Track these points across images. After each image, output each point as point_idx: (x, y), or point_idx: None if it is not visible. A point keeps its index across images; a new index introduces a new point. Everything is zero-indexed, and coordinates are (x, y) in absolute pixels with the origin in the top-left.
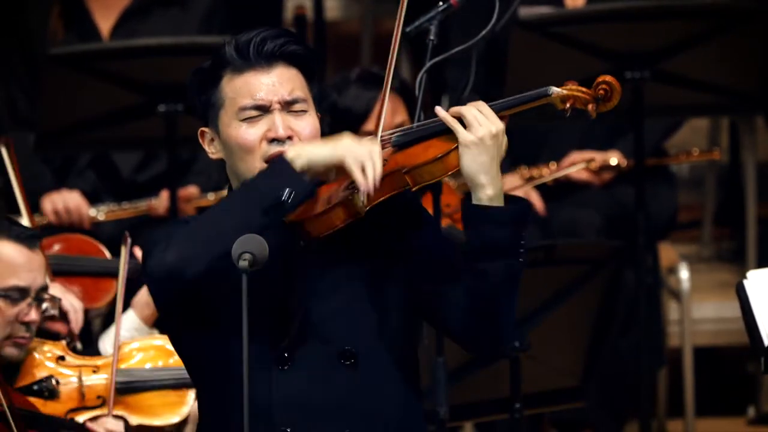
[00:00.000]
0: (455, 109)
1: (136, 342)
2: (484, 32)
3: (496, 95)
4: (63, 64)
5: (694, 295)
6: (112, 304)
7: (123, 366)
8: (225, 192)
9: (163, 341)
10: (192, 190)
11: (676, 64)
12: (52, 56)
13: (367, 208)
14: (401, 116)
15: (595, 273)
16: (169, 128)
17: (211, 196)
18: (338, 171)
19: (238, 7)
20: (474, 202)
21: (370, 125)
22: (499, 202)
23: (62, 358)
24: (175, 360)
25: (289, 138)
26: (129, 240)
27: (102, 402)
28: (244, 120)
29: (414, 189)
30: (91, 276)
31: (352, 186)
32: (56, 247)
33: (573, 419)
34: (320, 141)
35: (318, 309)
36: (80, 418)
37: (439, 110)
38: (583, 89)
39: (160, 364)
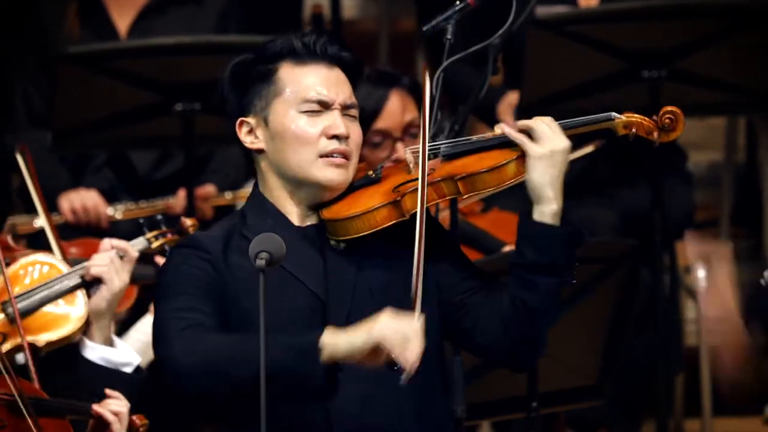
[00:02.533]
0: (524, 122)
1: (9, 269)
2: (501, 31)
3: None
4: (80, 63)
5: None
6: (131, 309)
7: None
8: (247, 190)
9: (33, 256)
10: (209, 188)
11: (693, 63)
12: (69, 55)
13: (412, 210)
14: (411, 114)
15: (611, 272)
16: (185, 127)
17: (229, 195)
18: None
19: (255, 5)
20: (536, 216)
21: (380, 123)
22: (558, 219)
23: None
24: (52, 270)
25: (347, 137)
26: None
27: (3, 338)
28: (304, 112)
29: (465, 197)
30: None
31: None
32: (74, 251)
33: (589, 418)
34: (355, 327)
35: (364, 315)
36: None
37: (503, 126)
38: (646, 118)
39: (28, 282)
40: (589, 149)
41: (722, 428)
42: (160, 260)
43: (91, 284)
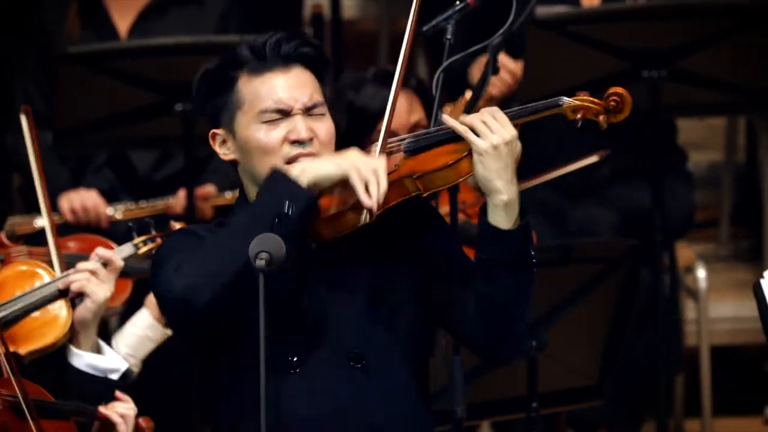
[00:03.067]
0: (466, 117)
1: None
2: (501, 31)
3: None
4: (80, 62)
5: (711, 294)
6: (128, 303)
7: None
8: (237, 193)
9: (18, 267)
10: (209, 188)
11: (693, 63)
12: (69, 55)
13: (378, 213)
14: (418, 114)
15: (611, 272)
16: (185, 127)
17: (229, 195)
18: (344, 185)
19: (256, 6)
20: (489, 209)
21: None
22: (514, 208)
23: None
24: (37, 279)
25: (310, 139)
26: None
27: None
28: (264, 122)
29: (425, 195)
30: None
31: (358, 203)
32: (71, 246)
33: (589, 418)
34: (326, 157)
35: (328, 311)
36: None
37: (446, 119)
38: (594, 100)
39: (18, 293)
40: (593, 159)
41: (722, 428)
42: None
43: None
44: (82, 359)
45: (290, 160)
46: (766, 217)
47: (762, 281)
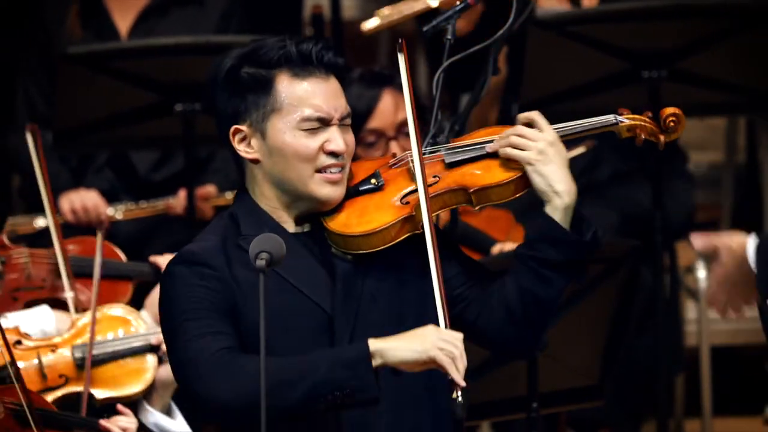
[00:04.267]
0: (502, 136)
1: (86, 317)
2: (501, 31)
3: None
4: (81, 63)
5: None
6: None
7: (79, 341)
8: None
9: (114, 310)
10: (210, 188)
11: (693, 63)
12: (70, 55)
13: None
14: (404, 112)
15: (612, 272)
16: (186, 127)
17: (229, 195)
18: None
19: (256, 6)
20: (548, 211)
21: (373, 123)
22: (570, 211)
23: (18, 342)
24: (127, 327)
25: (343, 153)
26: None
27: (65, 380)
28: (304, 130)
29: (477, 208)
30: (107, 278)
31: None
32: (72, 249)
33: (590, 418)
34: (402, 338)
35: (363, 321)
36: (48, 398)
37: (491, 147)
38: (649, 120)
39: (110, 336)
40: (580, 150)
41: (722, 428)
42: (156, 259)
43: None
44: (153, 417)
45: (323, 169)
46: (766, 217)
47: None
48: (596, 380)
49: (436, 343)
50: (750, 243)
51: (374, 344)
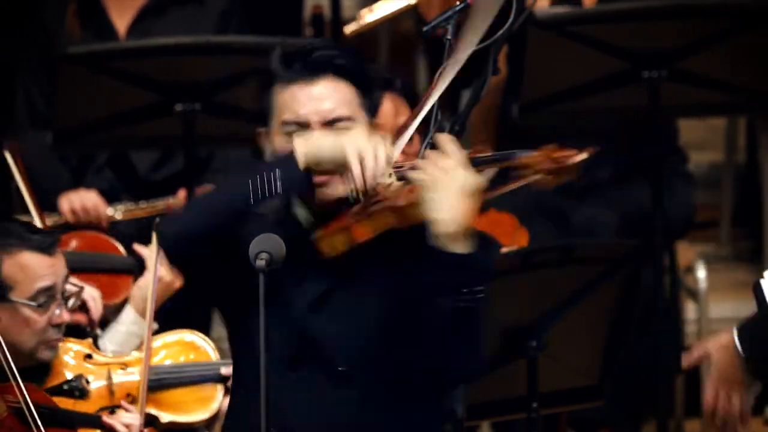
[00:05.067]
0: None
1: (160, 339)
2: (501, 31)
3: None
4: (80, 63)
5: (711, 294)
6: (127, 300)
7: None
8: None
9: (188, 336)
10: (209, 188)
11: (693, 63)
12: (69, 55)
13: (369, 235)
14: (404, 117)
15: (612, 272)
16: (186, 127)
17: None
18: (343, 166)
19: (256, 6)
20: (433, 239)
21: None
22: (457, 240)
23: (89, 356)
24: (199, 354)
25: None
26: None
27: (131, 400)
28: (286, 134)
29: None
30: (107, 273)
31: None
32: (72, 244)
33: (590, 419)
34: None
35: (321, 322)
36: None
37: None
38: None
39: (182, 359)
40: (583, 156)
41: None
42: (140, 249)
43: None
44: None
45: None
46: (766, 217)
47: (762, 281)
48: (596, 380)
49: (353, 138)
50: (735, 333)
51: (299, 142)
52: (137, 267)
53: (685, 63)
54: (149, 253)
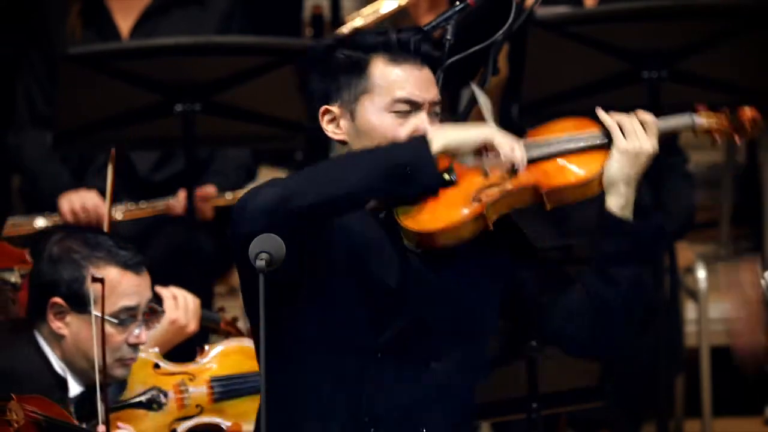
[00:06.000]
0: (619, 116)
1: (220, 346)
2: (501, 31)
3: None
4: (81, 63)
5: (711, 294)
6: None
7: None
8: (237, 194)
9: (247, 342)
10: (209, 189)
11: (694, 64)
12: (70, 55)
13: (493, 221)
14: None
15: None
16: (186, 128)
17: (229, 195)
18: (476, 155)
19: (257, 6)
20: (606, 208)
21: None
22: (630, 214)
23: (157, 365)
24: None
25: None
26: (114, 154)
27: (200, 410)
28: (393, 112)
29: (550, 208)
30: None
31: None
32: None
33: (590, 419)
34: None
35: (421, 311)
36: (181, 427)
37: (601, 112)
38: (727, 122)
39: (245, 368)
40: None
41: (722, 428)
42: (160, 290)
43: None
44: None
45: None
46: (766, 217)
47: (762, 281)
48: (597, 381)
49: (495, 130)
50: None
51: (432, 131)
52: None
53: (685, 63)
54: (167, 294)
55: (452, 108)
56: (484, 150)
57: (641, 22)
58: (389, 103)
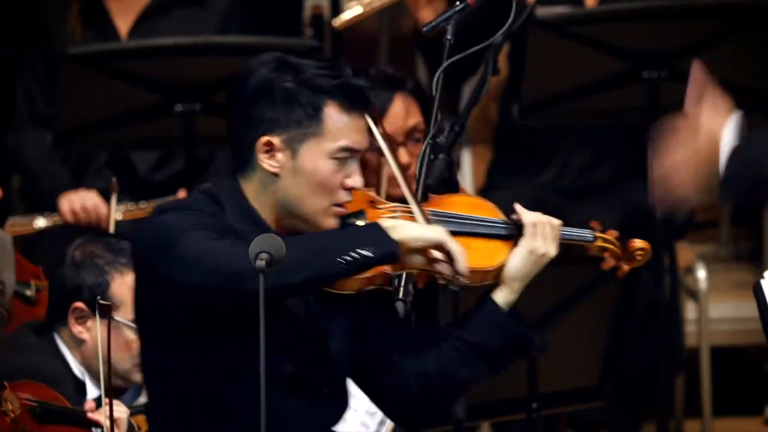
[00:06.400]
0: (534, 215)
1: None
2: (501, 32)
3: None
4: (81, 63)
5: (711, 294)
6: None
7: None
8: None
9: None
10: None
11: None
12: (70, 55)
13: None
14: (415, 119)
15: (612, 273)
16: (186, 128)
17: None
18: (424, 253)
19: (257, 6)
20: (490, 297)
21: (385, 126)
22: (509, 305)
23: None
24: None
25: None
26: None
27: None
28: (336, 159)
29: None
30: None
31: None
32: None
33: (590, 419)
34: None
35: (316, 348)
36: None
37: (519, 207)
38: (620, 247)
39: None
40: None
41: (722, 428)
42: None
43: None
44: None
45: (338, 204)
46: (766, 217)
47: (762, 281)
48: (597, 381)
49: (446, 234)
50: (726, 134)
51: (386, 222)
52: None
53: (685, 63)
54: None
55: (452, 108)
56: (434, 250)
57: (641, 22)
58: (334, 150)
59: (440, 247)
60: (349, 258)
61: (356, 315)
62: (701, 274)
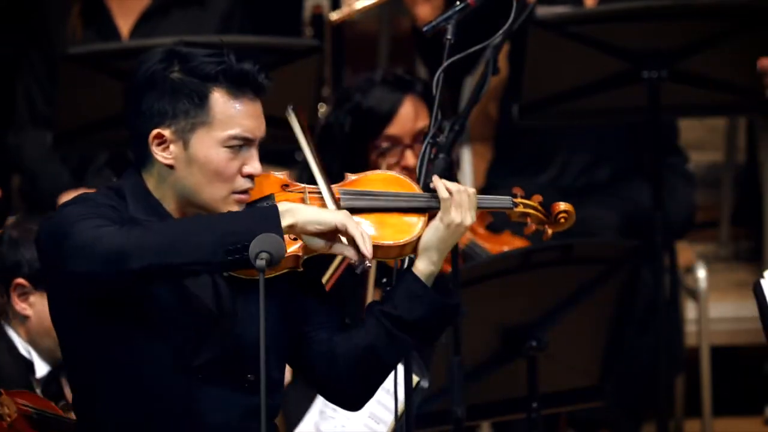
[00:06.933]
0: (448, 183)
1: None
2: (501, 32)
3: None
4: (81, 63)
5: (711, 294)
6: None
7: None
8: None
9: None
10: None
11: (694, 64)
12: (70, 55)
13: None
14: (424, 121)
15: (612, 272)
16: None
17: None
18: (326, 236)
19: (257, 6)
20: (413, 270)
21: (392, 129)
22: (431, 281)
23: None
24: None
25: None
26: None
27: None
28: (228, 147)
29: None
30: None
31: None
32: None
33: (590, 419)
34: (313, 207)
35: (236, 332)
36: None
37: (437, 179)
38: (543, 212)
39: None
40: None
41: (722, 428)
42: None
43: None
44: None
45: (238, 192)
46: (766, 217)
47: (762, 281)
48: (596, 380)
49: (347, 218)
50: None
51: (284, 204)
52: None
53: (685, 63)
54: None
55: (452, 108)
56: (333, 234)
57: (641, 22)
58: (225, 138)
59: (341, 230)
60: (228, 250)
61: (284, 298)
62: (701, 273)
